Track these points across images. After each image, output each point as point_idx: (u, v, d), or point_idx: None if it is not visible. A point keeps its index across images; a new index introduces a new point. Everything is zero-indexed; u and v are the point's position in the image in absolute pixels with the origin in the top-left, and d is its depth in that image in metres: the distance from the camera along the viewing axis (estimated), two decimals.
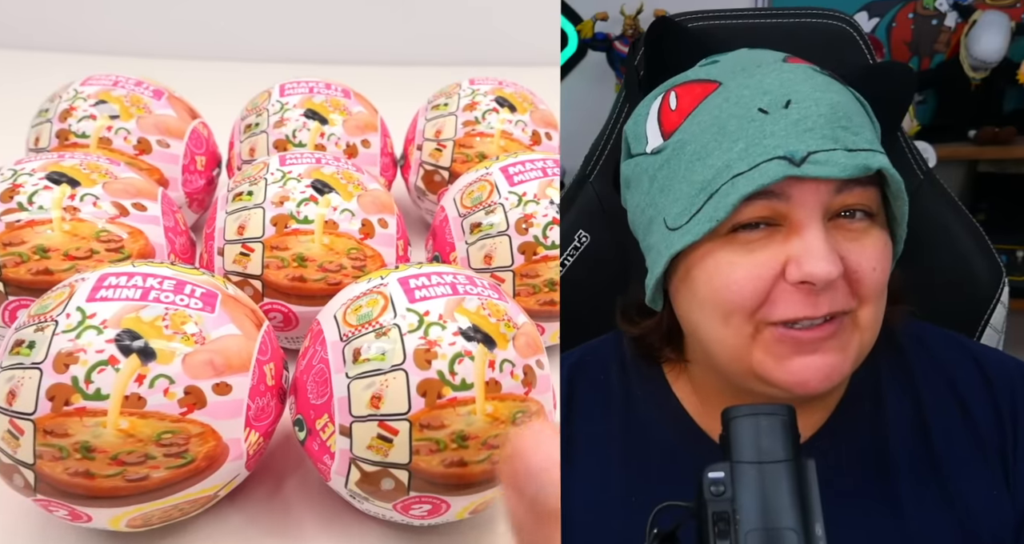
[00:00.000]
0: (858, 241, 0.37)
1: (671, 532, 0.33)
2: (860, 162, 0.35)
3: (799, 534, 0.29)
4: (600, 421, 0.42)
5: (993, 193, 1.39)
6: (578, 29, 1.37)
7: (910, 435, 0.41)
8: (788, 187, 0.36)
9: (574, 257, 0.56)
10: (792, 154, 0.35)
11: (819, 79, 0.38)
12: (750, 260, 0.37)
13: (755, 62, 0.39)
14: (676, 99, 0.40)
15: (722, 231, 0.37)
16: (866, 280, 0.37)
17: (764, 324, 0.37)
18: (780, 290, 0.37)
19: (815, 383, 0.37)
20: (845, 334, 0.38)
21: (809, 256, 0.35)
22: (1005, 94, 1.38)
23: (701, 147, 0.37)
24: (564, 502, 0.42)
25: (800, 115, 0.36)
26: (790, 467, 0.31)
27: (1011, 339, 0.60)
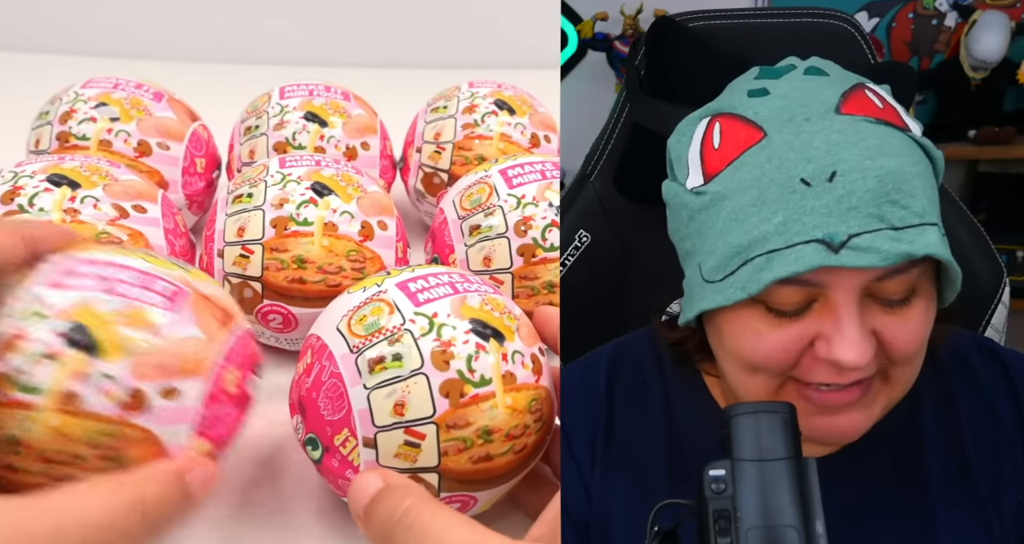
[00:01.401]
0: (898, 315, 0.35)
1: (672, 530, 0.33)
2: (904, 249, 0.33)
3: (799, 532, 0.29)
4: (642, 422, 0.42)
5: (993, 193, 1.39)
6: (578, 29, 1.37)
7: (946, 451, 0.41)
8: (825, 274, 0.34)
9: (574, 257, 0.56)
10: (831, 237, 0.33)
11: (871, 140, 0.35)
12: (779, 333, 0.36)
13: (804, 112, 0.36)
14: (720, 136, 0.38)
15: (753, 300, 0.36)
16: (901, 350, 0.36)
17: (789, 378, 0.37)
18: (810, 359, 0.36)
19: (834, 438, 0.37)
20: (872, 393, 0.37)
21: (840, 341, 0.34)
22: (1005, 94, 1.37)
23: (740, 208, 0.35)
24: (603, 503, 0.42)
25: (845, 190, 0.34)
26: (791, 465, 0.31)
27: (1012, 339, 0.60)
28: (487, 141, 0.61)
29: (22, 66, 1.06)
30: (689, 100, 0.54)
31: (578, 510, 0.42)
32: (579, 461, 0.42)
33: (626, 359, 0.44)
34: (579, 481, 0.42)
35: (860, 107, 0.37)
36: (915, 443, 0.41)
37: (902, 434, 0.41)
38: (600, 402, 0.43)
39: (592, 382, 0.44)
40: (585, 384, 0.44)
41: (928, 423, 0.41)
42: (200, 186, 0.63)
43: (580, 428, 0.43)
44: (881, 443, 0.41)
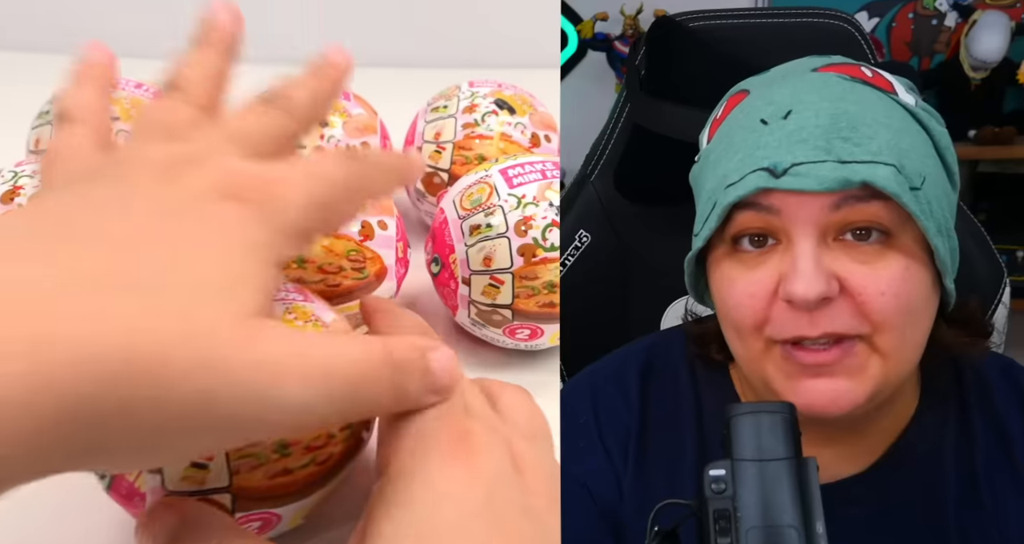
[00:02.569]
0: (867, 263, 0.35)
1: (672, 530, 0.33)
2: (840, 174, 0.33)
3: (800, 532, 0.29)
4: (675, 431, 0.42)
5: (993, 193, 1.39)
6: (578, 29, 1.37)
7: (960, 477, 0.40)
8: (774, 200, 0.35)
9: (575, 257, 0.56)
10: (775, 166, 0.34)
11: (836, 88, 0.36)
12: (747, 277, 0.36)
13: (782, 72, 0.39)
14: (722, 108, 0.40)
15: (727, 242, 0.37)
16: (873, 304, 0.35)
17: (772, 341, 0.36)
18: (776, 308, 0.36)
19: (821, 407, 0.36)
20: (857, 360, 0.36)
21: (794, 275, 0.34)
22: (1005, 94, 1.38)
23: (716, 158, 0.37)
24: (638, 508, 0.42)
25: (796, 125, 0.35)
26: (791, 465, 0.31)
27: (1012, 339, 0.60)
28: (487, 141, 0.61)
29: (22, 66, 1.06)
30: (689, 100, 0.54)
31: (611, 504, 0.42)
32: (615, 462, 0.42)
33: (658, 366, 0.44)
34: (612, 474, 0.42)
35: (842, 70, 0.38)
36: (933, 466, 0.40)
37: (921, 456, 0.40)
38: (633, 411, 0.43)
39: (624, 392, 0.43)
40: (618, 392, 0.43)
41: (947, 442, 0.41)
42: None
43: (614, 432, 0.43)
44: (899, 465, 0.40)
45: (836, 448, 0.40)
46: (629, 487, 0.42)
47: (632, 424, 0.43)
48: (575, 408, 0.44)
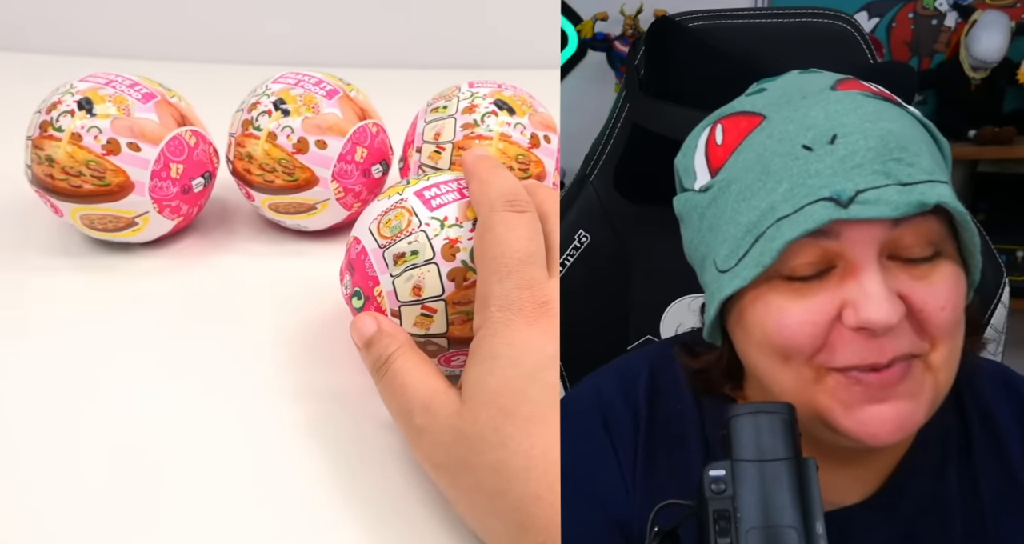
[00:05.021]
0: (924, 279, 0.34)
1: (672, 530, 0.33)
2: (914, 198, 0.33)
3: (799, 532, 0.29)
4: (681, 451, 0.41)
5: (993, 193, 1.39)
6: (578, 29, 1.37)
7: (966, 499, 0.40)
8: (838, 227, 0.33)
9: (574, 257, 0.56)
10: (839, 194, 0.33)
11: (869, 107, 0.35)
12: (802, 305, 0.35)
13: (801, 91, 0.37)
14: (722, 133, 0.38)
15: (772, 274, 0.35)
16: (934, 320, 0.34)
17: (826, 369, 0.35)
18: (838, 334, 0.34)
19: (886, 435, 0.35)
20: (916, 378, 0.35)
21: (866, 300, 0.33)
22: (1005, 94, 1.38)
23: (746, 187, 0.35)
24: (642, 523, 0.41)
25: (847, 150, 0.34)
26: (791, 465, 0.31)
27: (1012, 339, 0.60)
28: (487, 141, 0.61)
29: (22, 66, 1.06)
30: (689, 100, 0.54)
31: (621, 509, 0.41)
32: (626, 476, 0.41)
33: (664, 382, 0.43)
34: (623, 489, 0.41)
35: (855, 87, 0.37)
36: (940, 481, 0.40)
37: (932, 470, 0.40)
38: (641, 425, 0.42)
39: (633, 410, 0.43)
40: (627, 409, 0.43)
41: (952, 472, 0.40)
42: (172, 191, 0.62)
43: (624, 447, 0.42)
44: (911, 482, 0.40)
45: (851, 470, 0.39)
46: (638, 505, 0.41)
47: (640, 443, 0.42)
48: (585, 419, 0.43)
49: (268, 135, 0.60)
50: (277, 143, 0.60)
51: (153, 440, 0.47)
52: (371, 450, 0.47)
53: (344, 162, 0.61)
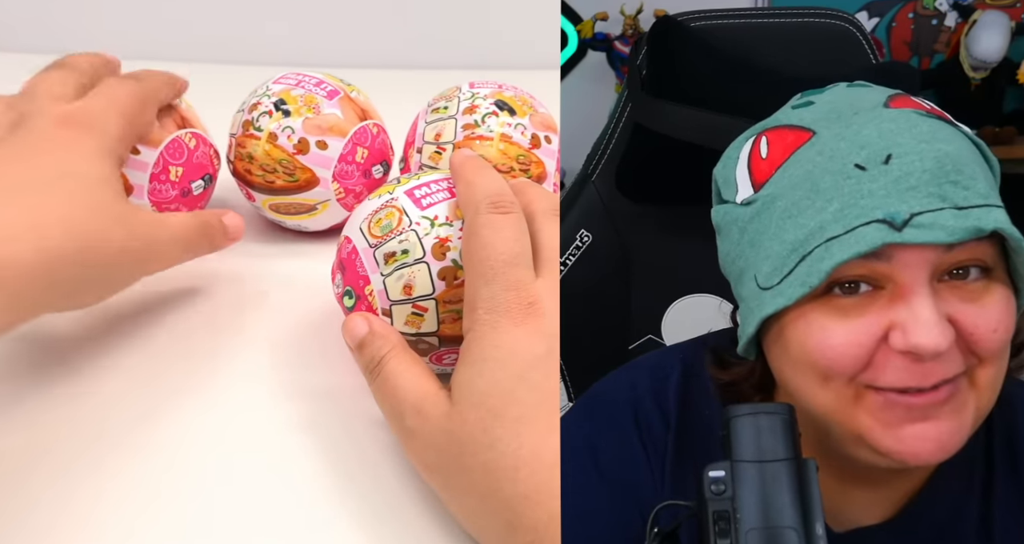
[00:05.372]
0: (975, 301, 0.33)
1: (672, 531, 0.33)
2: (971, 224, 0.32)
3: (799, 533, 0.29)
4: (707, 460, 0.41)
5: None
6: (578, 29, 1.37)
7: (980, 522, 0.39)
8: (890, 250, 0.32)
9: (576, 257, 0.56)
10: (892, 216, 0.32)
11: (924, 126, 0.34)
12: (848, 326, 0.34)
13: (852, 107, 0.36)
14: (767, 146, 0.37)
15: (817, 292, 0.34)
16: (984, 343, 0.33)
17: (867, 387, 0.34)
18: (884, 356, 0.33)
19: (928, 454, 0.34)
20: (960, 397, 0.34)
21: (916, 325, 0.32)
22: (1005, 94, 1.37)
23: (793, 204, 0.34)
24: None
25: (902, 171, 0.32)
26: (791, 466, 0.31)
27: None
28: (487, 142, 0.61)
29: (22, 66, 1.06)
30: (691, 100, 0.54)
31: (648, 501, 0.40)
32: (655, 476, 0.41)
33: (695, 385, 0.42)
34: (650, 474, 0.41)
35: (908, 104, 0.36)
36: (960, 526, 0.39)
37: (956, 490, 0.39)
38: (671, 426, 0.42)
39: (664, 412, 0.42)
40: (656, 409, 0.42)
41: (973, 500, 0.40)
42: (172, 194, 0.62)
43: (655, 448, 0.42)
44: (935, 502, 0.39)
45: (874, 492, 0.39)
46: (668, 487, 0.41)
47: (670, 445, 0.41)
48: (616, 413, 0.43)
49: (269, 136, 0.60)
50: (278, 144, 0.60)
51: (149, 438, 0.47)
52: (374, 449, 0.47)
53: (345, 163, 0.61)
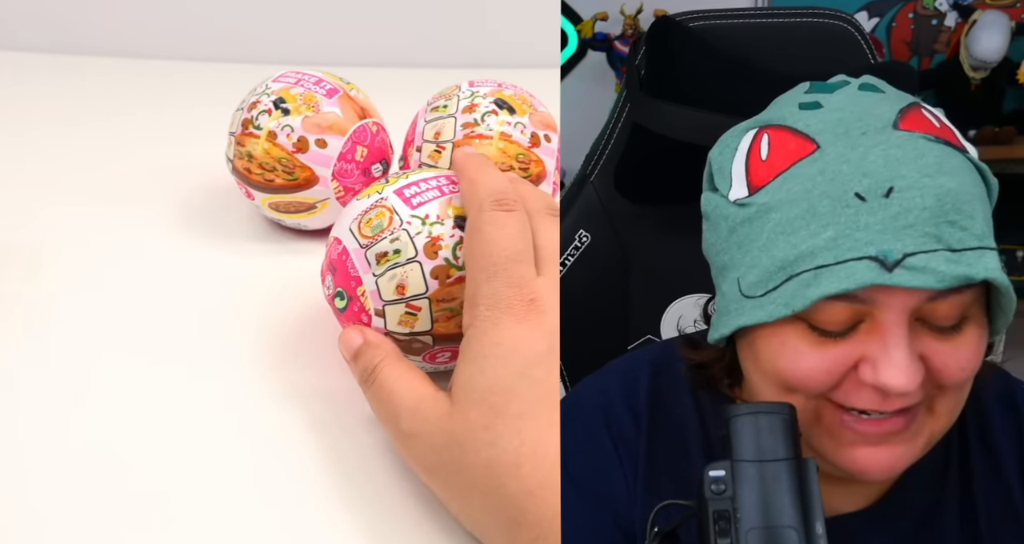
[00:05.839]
0: (949, 341, 0.34)
1: (672, 530, 0.33)
2: (961, 272, 0.32)
3: (799, 532, 0.29)
4: (682, 459, 0.41)
5: None
6: (578, 29, 1.37)
7: (962, 511, 0.40)
8: (876, 293, 0.33)
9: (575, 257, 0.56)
10: (885, 255, 0.32)
11: (930, 157, 0.34)
12: (821, 354, 0.34)
13: (860, 126, 0.35)
14: (768, 147, 0.36)
15: (797, 317, 0.34)
16: (950, 379, 0.34)
17: (825, 401, 0.35)
18: (852, 383, 0.34)
19: (878, 473, 0.35)
20: (916, 425, 0.35)
21: (888, 365, 0.32)
22: (1005, 94, 1.38)
23: (788, 221, 0.34)
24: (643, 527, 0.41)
25: (901, 207, 0.32)
26: (791, 465, 0.31)
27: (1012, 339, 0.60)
28: (487, 140, 0.61)
29: (22, 66, 1.06)
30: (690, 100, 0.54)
31: (623, 510, 0.41)
32: (628, 480, 0.41)
33: (665, 384, 0.43)
34: (623, 480, 0.41)
35: (918, 124, 0.36)
36: (939, 508, 0.40)
37: (928, 486, 0.40)
38: (642, 427, 0.42)
39: (635, 414, 0.42)
40: (628, 412, 0.42)
41: (952, 484, 0.40)
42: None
43: (628, 452, 0.42)
44: (909, 497, 0.40)
45: (848, 485, 0.39)
46: (639, 507, 0.41)
47: (642, 445, 0.42)
48: (588, 419, 0.43)
49: (268, 134, 0.60)
50: (277, 142, 0.60)
51: (145, 437, 0.47)
52: (374, 448, 0.47)
53: (344, 161, 0.61)
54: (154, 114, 0.89)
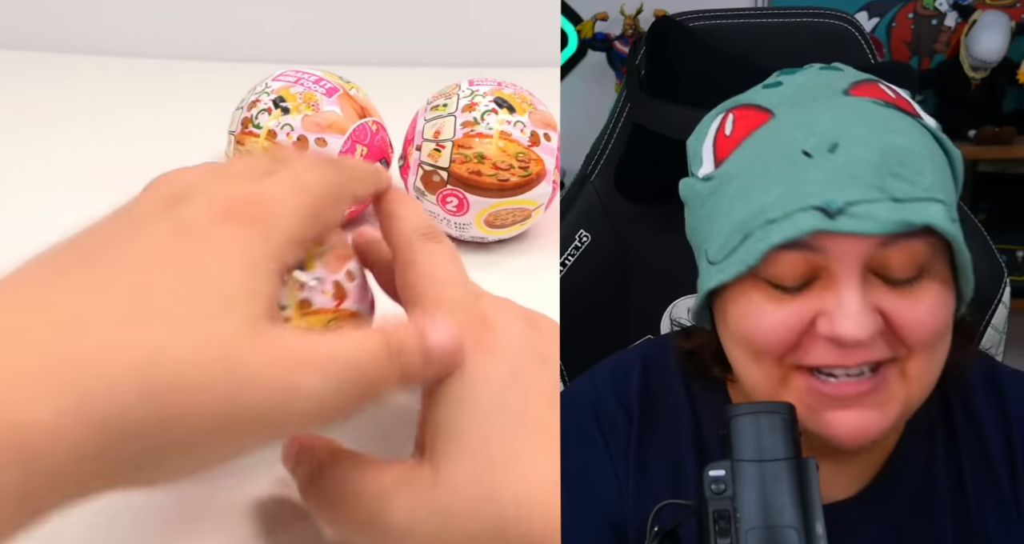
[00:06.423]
0: (908, 297, 0.34)
1: (672, 530, 0.33)
2: (902, 217, 0.32)
3: (799, 532, 0.29)
4: (675, 449, 0.42)
5: (993, 193, 1.39)
6: (578, 29, 1.37)
7: (952, 492, 0.40)
8: (824, 240, 0.33)
9: (575, 257, 0.56)
10: (828, 204, 0.33)
11: (879, 118, 0.35)
12: (781, 310, 0.35)
13: (812, 93, 0.37)
14: (732, 124, 0.38)
15: (757, 274, 0.35)
16: (912, 334, 0.34)
17: (793, 368, 0.36)
18: (810, 339, 0.35)
19: (848, 440, 0.35)
20: (888, 389, 0.35)
21: (841, 315, 0.33)
22: (1005, 94, 1.38)
23: (744, 185, 0.36)
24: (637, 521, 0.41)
25: (845, 160, 0.33)
26: (791, 465, 0.31)
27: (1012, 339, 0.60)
28: (487, 139, 0.61)
29: (22, 66, 1.06)
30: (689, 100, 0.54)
31: (614, 507, 0.41)
32: (619, 475, 0.41)
33: (655, 381, 0.43)
34: (617, 486, 0.41)
35: (870, 92, 0.37)
36: (929, 489, 0.40)
37: (918, 475, 0.40)
38: (633, 422, 0.42)
39: (627, 409, 0.43)
40: (619, 407, 0.43)
41: (940, 466, 0.40)
42: None
43: (618, 448, 0.42)
44: (898, 478, 0.40)
45: (843, 465, 0.40)
46: (631, 502, 0.41)
47: (632, 438, 0.42)
48: (579, 417, 0.43)
49: (268, 133, 0.60)
50: (277, 141, 0.60)
51: None
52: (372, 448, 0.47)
53: None
54: (154, 113, 0.89)
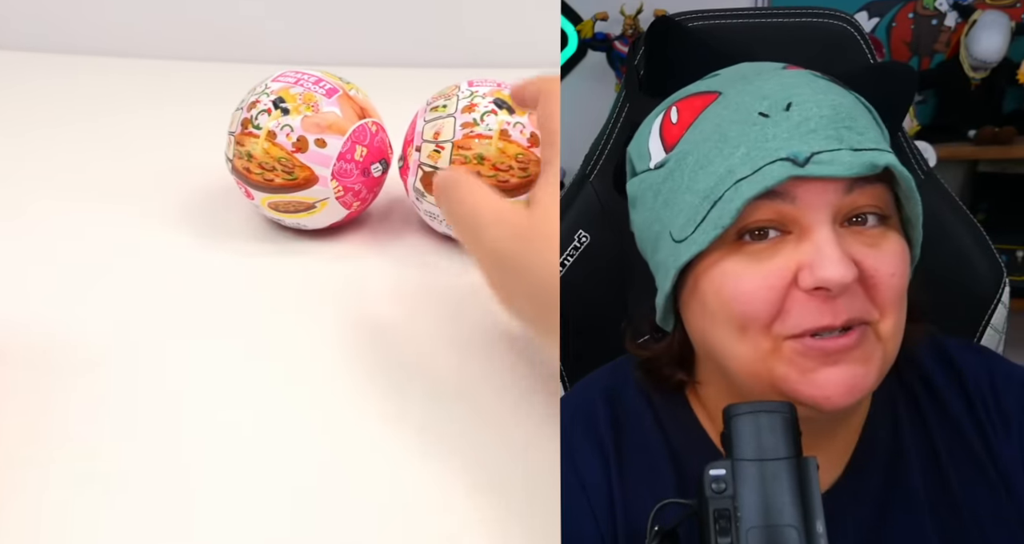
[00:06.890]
0: (874, 246, 0.36)
1: (672, 529, 0.33)
2: (867, 160, 0.35)
3: (800, 531, 0.29)
4: (651, 470, 0.41)
5: (993, 193, 1.39)
6: (578, 29, 1.37)
7: (925, 463, 0.41)
8: (794, 188, 0.35)
9: (574, 257, 0.56)
10: (796, 155, 0.35)
11: (820, 83, 0.38)
12: (759, 269, 0.36)
13: (754, 71, 0.39)
14: (677, 113, 0.39)
15: (729, 239, 0.36)
16: (884, 286, 0.36)
17: (783, 337, 0.36)
18: (794, 299, 0.35)
19: (839, 397, 0.36)
20: (868, 345, 0.36)
21: (822, 260, 0.34)
22: (1005, 94, 1.38)
23: (703, 156, 0.37)
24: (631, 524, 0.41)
25: (802, 117, 0.36)
26: (791, 464, 0.31)
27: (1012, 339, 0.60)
28: (486, 140, 0.61)
29: (22, 66, 1.06)
30: None
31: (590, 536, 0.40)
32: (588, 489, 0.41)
33: (621, 410, 0.43)
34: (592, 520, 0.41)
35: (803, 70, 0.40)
36: (901, 463, 0.41)
37: (886, 448, 0.41)
38: (609, 455, 0.42)
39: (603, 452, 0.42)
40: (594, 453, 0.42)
41: (907, 430, 0.41)
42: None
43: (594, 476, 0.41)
44: (870, 462, 0.40)
45: (815, 452, 0.39)
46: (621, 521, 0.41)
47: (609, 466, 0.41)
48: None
49: (268, 134, 0.60)
50: (276, 142, 0.60)
51: (145, 437, 0.47)
52: (373, 444, 0.47)
53: (343, 161, 0.61)
54: (154, 113, 0.89)
